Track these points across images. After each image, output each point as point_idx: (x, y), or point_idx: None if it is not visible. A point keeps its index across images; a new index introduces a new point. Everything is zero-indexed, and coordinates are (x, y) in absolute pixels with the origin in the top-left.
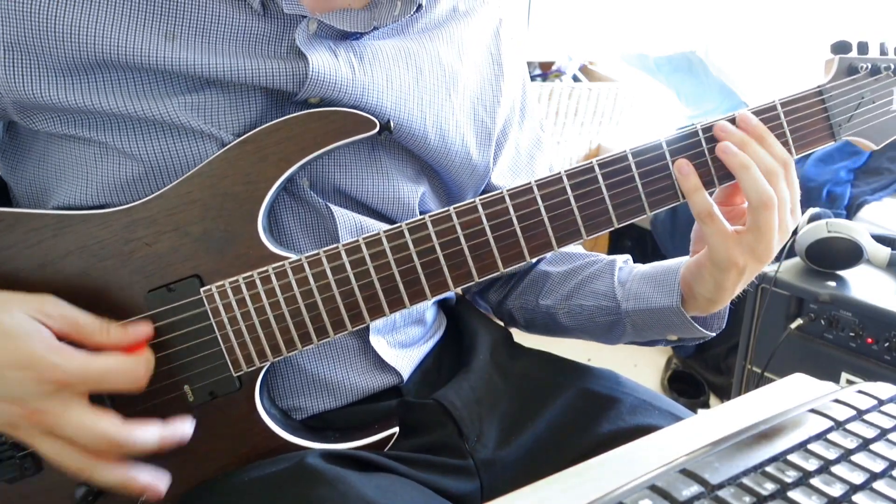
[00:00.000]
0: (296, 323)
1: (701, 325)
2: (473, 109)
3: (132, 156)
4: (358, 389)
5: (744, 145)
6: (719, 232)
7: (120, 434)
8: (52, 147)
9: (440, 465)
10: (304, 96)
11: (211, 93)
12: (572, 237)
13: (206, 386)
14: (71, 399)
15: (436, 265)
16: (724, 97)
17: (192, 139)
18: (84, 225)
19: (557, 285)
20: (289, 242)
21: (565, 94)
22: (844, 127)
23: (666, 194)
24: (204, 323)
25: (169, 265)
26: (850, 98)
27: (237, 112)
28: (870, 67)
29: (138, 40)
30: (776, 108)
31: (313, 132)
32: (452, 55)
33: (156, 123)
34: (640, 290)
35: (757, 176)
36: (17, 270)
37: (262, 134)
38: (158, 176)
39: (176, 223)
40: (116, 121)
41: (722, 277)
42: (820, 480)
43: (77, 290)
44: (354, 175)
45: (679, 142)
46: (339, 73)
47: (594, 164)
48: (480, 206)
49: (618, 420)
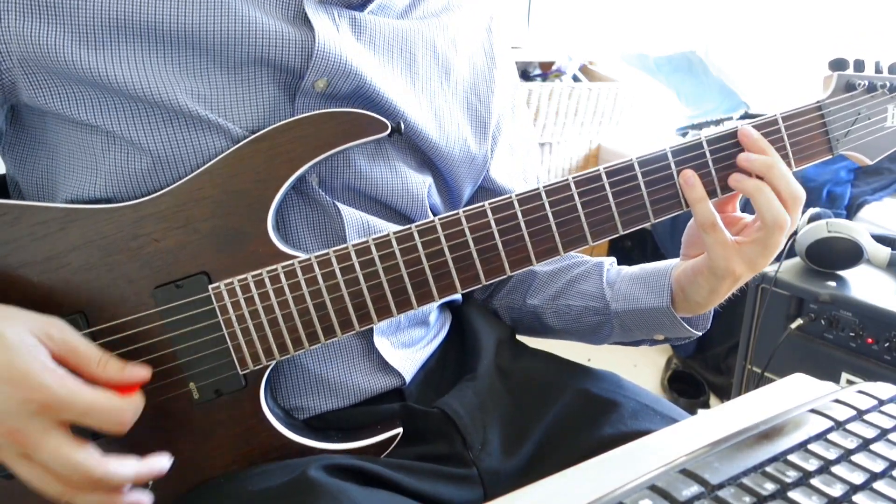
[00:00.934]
0: (304, 322)
1: (688, 324)
2: (467, 99)
3: (140, 147)
4: (360, 390)
5: (770, 168)
6: (721, 242)
7: (96, 469)
8: (60, 137)
9: (443, 474)
10: (311, 78)
11: (222, 72)
12: (578, 243)
13: (212, 384)
14: (51, 425)
15: (444, 267)
16: (724, 97)
17: (199, 130)
18: (91, 219)
19: (544, 285)
20: (295, 242)
21: (565, 94)
22: (842, 141)
23: (670, 203)
24: (211, 320)
25: (177, 261)
26: (847, 114)
27: (247, 102)
28: (866, 85)
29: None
30: (777, 122)
31: (325, 132)
32: (447, 46)
33: (166, 110)
34: (629, 291)
35: (772, 197)
36: (23, 263)
37: (274, 132)
38: (166, 168)
39: (185, 219)
40: (126, 104)
41: (717, 284)
42: (820, 480)
43: (83, 284)
44: (365, 171)
45: (684, 153)
46: (344, 51)
47: (601, 172)
48: (489, 210)
49: (619, 424)
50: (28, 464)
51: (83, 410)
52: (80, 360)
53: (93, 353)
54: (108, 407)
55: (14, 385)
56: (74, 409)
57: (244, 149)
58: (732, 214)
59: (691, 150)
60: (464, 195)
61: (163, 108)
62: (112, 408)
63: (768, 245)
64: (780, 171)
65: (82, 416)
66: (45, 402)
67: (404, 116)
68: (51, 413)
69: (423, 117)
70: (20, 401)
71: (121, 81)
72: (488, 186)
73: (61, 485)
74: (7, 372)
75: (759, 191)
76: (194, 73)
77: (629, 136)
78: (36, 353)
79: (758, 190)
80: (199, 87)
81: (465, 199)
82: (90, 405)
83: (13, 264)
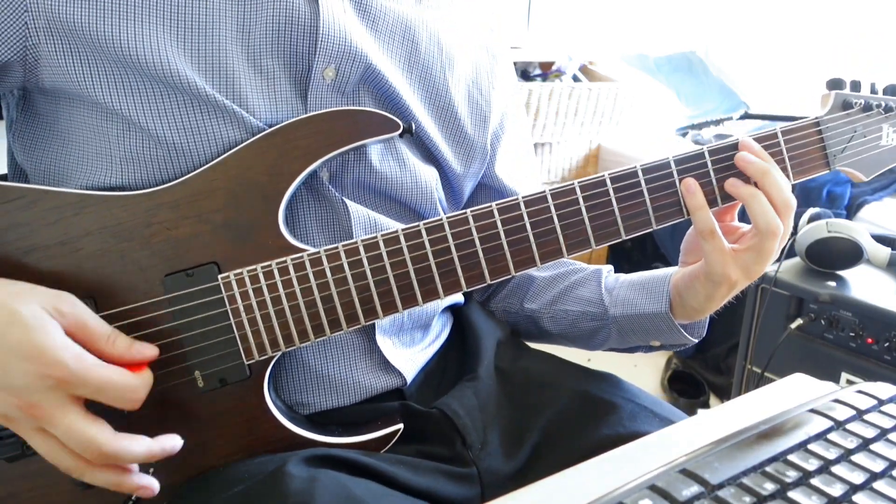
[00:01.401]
0: (310, 314)
1: (685, 331)
2: (468, 90)
3: (156, 135)
4: (361, 388)
5: (765, 175)
6: (718, 249)
7: (108, 445)
8: (74, 124)
9: (442, 471)
10: (320, 66)
11: (236, 56)
12: (582, 246)
13: (217, 372)
14: (66, 399)
15: (450, 265)
16: (724, 97)
17: (216, 119)
18: (105, 205)
19: (542, 290)
20: (303, 236)
21: (565, 94)
22: (839, 157)
23: (671, 210)
24: (219, 310)
25: (188, 251)
26: (844, 131)
27: (262, 92)
28: (863, 104)
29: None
30: (777, 136)
31: (339, 129)
32: (451, 38)
33: (182, 93)
34: (628, 296)
35: (765, 203)
36: (35, 246)
37: (288, 128)
38: (181, 158)
39: (198, 210)
40: (146, 84)
41: (714, 290)
42: (820, 480)
43: (95, 269)
44: (376, 166)
45: (687, 162)
46: (348, 33)
47: (606, 178)
48: (496, 210)
49: (617, 426)
50: (44, 437)
51: (98, 386)
52: (90, 336)
53: (102, 329)
54: (122, 383)
55: (32, 361)
56: (90, 385)
57: (258, 142)
58: (731, 224)
59: (693, 160)
60: (465, 190)
61: (182, 92)
62: (126, 384)
63: (762, 251)
64: (774, 178)
65: (97, 392)
66: (61, 377)
67: (411, 110)
68: (67, 388)
69: (419, 108)
70: (37, 376)
71: (143, 59)
72: (491, 184)
73: (74, 459)
74: (24, 348)
75: (753, 197)
76: (213, 58)
77: (629, 136)
78: (51, 328)
79: (752, 196)
80: (218, 73)
81: (467, 194)
82: (105, 381)
83: (26, 247)
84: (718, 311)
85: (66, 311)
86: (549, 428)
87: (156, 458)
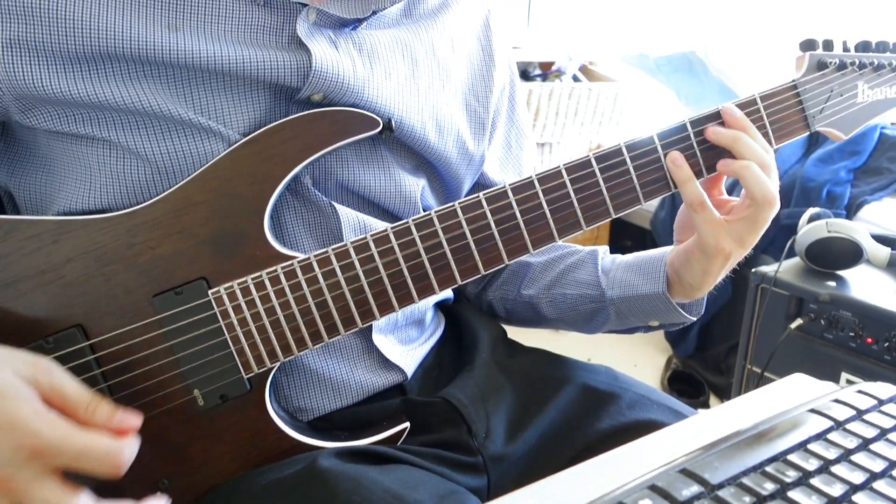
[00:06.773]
0: (306, 321)
1: (682, 309)
2: (466, 101)
3: (139, 154)
4: (363, 387)
5: (736, 140)
6: (709, 220)
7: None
8: (55, 149)
9: (449, 460)
10: (307, 93)
11: (216, 88)
12: (573, 228)
13: (217, 389)
14: (42, 472)
15: (443, 259)
16: (724, 97)
17: (197, 138)
18: (85, 230)
19: (539, 275)
20: (291, 242)
21: (565, 94)
22: (818, 118)
23: (658, 185)
24: (213, 325)
25: (175, 268)
26: (821, 91)
27: (242, 110)
28: (837, 63)
29: (142, 31)
30: (756, 102)
31: (317, 132)
32: (446, 47)
33: (162, 120)
34: (625, 278)
35: (759, 173)
36: (16, 278)
37: (265, 134)
38: (165, 178)
39: (181, 225)
40: (122, 117)
41: (709, 264)
42: (820, 480)
43: (80, 296)
44: (358, 171)
45: (670, 135)
46: (342, 68)
47: (591, 158)
48: (484, 200)
49: (618, 415)
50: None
51: (76, 455)
52: (68, 405)
53: (82, 397)
54: (101, 450)
55: (4, 432)
56: (66, 454)
57: (237, 152)
58: (719, 198)
59: (676, 133)
60: (463, 191)
61: (160, 119)
62: (106, 451)
63: (758, 221)
64: (745, 142)
65: (75, 461)
66: (35, 448)
67: (401, 120)
68: (42, 459)
69: (424, 122)
70: (10, 448)
71: (113, 101)
72: (480, 181)
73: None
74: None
75: (745, 168)
76: (186, 91)
77: (629, 136)
78: (26, 398)
79: (744, 168)
80: (193, 99)
81: (465, 195)
82: (82, 448)
83: (6, 279)
84: (718, 311)
85: (42, 380)
86: (552, 416)
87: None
